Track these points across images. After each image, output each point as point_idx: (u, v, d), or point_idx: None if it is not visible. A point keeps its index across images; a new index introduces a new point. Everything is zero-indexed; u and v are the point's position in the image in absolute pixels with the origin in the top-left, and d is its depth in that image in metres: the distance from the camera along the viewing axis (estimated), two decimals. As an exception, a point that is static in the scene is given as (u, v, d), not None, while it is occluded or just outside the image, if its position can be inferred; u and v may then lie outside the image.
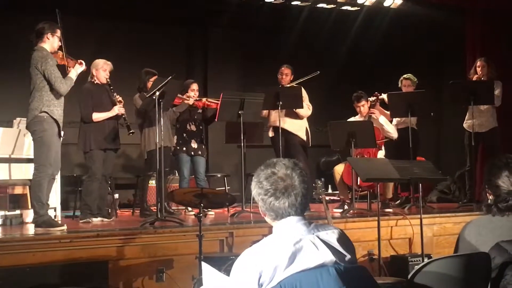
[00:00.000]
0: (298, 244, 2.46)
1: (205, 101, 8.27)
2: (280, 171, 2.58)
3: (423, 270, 2.84)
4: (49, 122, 6.27)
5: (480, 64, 8.68)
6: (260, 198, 2.59)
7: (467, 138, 8.64)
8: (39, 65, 6.26)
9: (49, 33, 6.41)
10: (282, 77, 8.63)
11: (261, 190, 2.58)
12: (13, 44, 9.78)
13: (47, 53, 6.34)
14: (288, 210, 2.55)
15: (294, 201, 2.55)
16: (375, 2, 10.76)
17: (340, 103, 9.87)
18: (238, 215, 7.44)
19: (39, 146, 6.27)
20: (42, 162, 6.24)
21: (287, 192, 2.55)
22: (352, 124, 8.21)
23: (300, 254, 2.44)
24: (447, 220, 7.36)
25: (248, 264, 2.46)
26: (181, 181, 8.33)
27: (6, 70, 9.82)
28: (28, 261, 5.32)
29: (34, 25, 6.45)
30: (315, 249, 2.47)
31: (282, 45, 11.48)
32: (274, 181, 2.56)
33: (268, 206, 2.57)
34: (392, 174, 6.12)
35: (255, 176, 2.64)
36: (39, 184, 6.24)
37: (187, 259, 5.77)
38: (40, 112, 6.25)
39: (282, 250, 2.44)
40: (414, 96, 8.38)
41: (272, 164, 2.62)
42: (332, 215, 6.93)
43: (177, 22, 11.55)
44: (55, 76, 6.26)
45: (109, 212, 7.78)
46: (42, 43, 6.41)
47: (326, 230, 2.57)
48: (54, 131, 6.33)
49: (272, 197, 2.55)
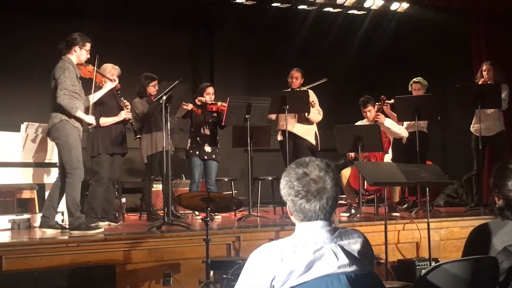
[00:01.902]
0: (318, 253, 2.40)
1: (220, 105, 8.25)
2: (313, 172, 2.48)
3: (430, 274, 2.84)
4: (71, 127, 6.38)
5: (486, 67, 8.66)
6: (290, 198, 2.49)
7: (474, 142, 8.62)
8: (56, 75, 6.36)
9: (78, 46, 6.51)
10: (292, 80, 8.62)
11: (292, 191, 2.47)
12: (21, 49, 9.85)
13: (68, 65, 6.43)
14: (318, 213, 2.46)
15: (325, 205, 2.46)
16: (381, 6, 10.76)
17: (347, 107, 9.86)
18: (245, 219, 7.44)
19: (67, 150, 6.36)
20: (73, 165, 6.34)
21: (319, 195, 2.45)
22: (359, 128, 8.20)
23: (318, 262, 2.39)
24: (454, 224, 7.34)
25: (263, 262, 2.40)
26: (192, 184, 8.33)
27: (14, 75, 9.87)
28: (35, 265, 5.34)
29: (44, 30, 6.52)
30: (334, 258, 2.41)
31: (289, 49, 11.48)
32: (306, 183, 2.46)
33: (298, 208, 2.47)
34: (399, 178, 6.11)
35: (286, 175, 2.52)
36: (73, 187, 6.33)
37: (194, 263, 5.77)
38: (60, 120, 6.35)
39: (301, 256, 2.38)
40: (421, 100, 8.37)
41: (305, 163, 2.51)
42: (339, 219, 6.94)
43: (183, 26, 11.58)
44: (62, 86, 6.33)
45: (116, 216, 7.81)
46: (69, 54, 6.52)
47: (349, 239, 2.51)
48: (77, 134, 6.44)
49: (303, 199, 2.46)
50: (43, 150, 7.30)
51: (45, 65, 8.91)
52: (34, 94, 9.89)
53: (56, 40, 6.74)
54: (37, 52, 9.71)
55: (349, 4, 10.67)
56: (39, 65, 9.57)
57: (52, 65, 6.59)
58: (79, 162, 6.40)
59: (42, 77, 9.35)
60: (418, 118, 8.19)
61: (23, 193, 7.54)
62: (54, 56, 6.69)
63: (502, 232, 3.09)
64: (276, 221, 7.43)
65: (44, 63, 9.06)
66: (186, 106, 8.11)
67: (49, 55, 6.97)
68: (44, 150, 7.31)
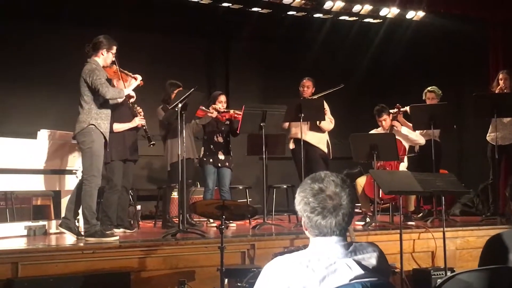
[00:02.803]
0: (331, 267, 2.38)
1: (232, 113, 8.28)
2: (329, 188, 2.45)
3: (446, 284, 2.82)
4: (97, 133, 6.40)
5: (502, 76, 8.61)
6: (305, 215, 2.47)
7: (490, 151, 8.57)
8: (87, 78, 6.38)
9: (105, 49, 6.55)
10: (304, 89, 8.63)
11: (308, 207, 2.45)
12: (38, 58, 9.92)
13: (96, 66, 6.47)
14: (334, 229, 2.44)
15: (341, 221, 2.44)
16: (397, 15, 10.75)
17: (362, 115, 9.85)
18: (259, 227, 7.43)
19: (89, 156, 6.38)
20: (92, 172, 6.35)
21: (336, 212, 2.43)
22: (374, 136, 8.19)
23: (331, 275, 2.37)
24: (470, 233, 7.30)
25: (277, 275, 2.40)
26: (206, 192, 8.36)
27: (31, 83, 9.94)
28: (51, 272, 5.36)
29: (61, 39, 6.56)
30: (349, 270, 2.39)
31: (304, 57, 11.48)
32: (322, 199, 2.44)
33: (314, 224, 2.45)
34: (414, 186, 6.08)
35: (301, 190, 2.49)
36: (90, 194, 6.35)
37: (208, 271, 5.78)
38: (88, 125, 6.38)
39: (314, 272, 2.37)
40: (437, 108, 8.34)
41: (320, 179, 2.48)
42: (354, 228, 6.91)
43: (199, 34, 11.61)
44: (100, 82, 6.37)
45: (131, 224, 7.82)
46: (96, 56, 6.55)
47: (364, 253, 2.48)
48: (102, 142, 6.46)
49: (319, 215, 2.43)
50: (59, 157, 7.34)
51: (62, 73, 9.03)
52: (50, 101, 9.99)
53: (73, 49, 6.80)
54: (53, 61, 9.80)
55: (365, 12, 10.66)
56: (56, 73, 9.69)
57: (68, 73, 6.63)
58: (98, 171, 6.42)
59: (58, 85, 9.49)
60: (433, 127, 8.16)
61: (39, 200, 7.58)
62: (71, 64, 6.75)
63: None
64: (290, 229, 7.42)
65: (60, 71, 9.18)
66: (211, 113, 8.14)
67: (66, 64, 7.03)
68: (60, 157, 7.35)
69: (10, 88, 9.86)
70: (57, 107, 9.64)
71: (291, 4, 10.37)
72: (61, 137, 7.31)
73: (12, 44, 9.87)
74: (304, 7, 10.65)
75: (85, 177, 6.40)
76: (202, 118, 8.16)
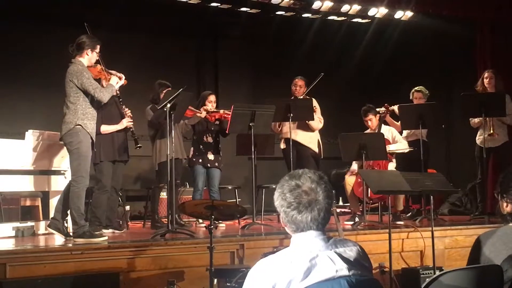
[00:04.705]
0: (314, 260, 2.44)
1: (222, 113, 8.27)
2: (305, 184, 2.53)
3: (434, 282, 2.83)
4: (84, 134, 6.37)
5: (488, 75, 8.67)
6: (282, 210, 2.55)
7: (478, 151, 8.61)
8: (75, 79, 6.34)
9: (90, 49, 6.52)
10: (296, 88, 8.66)
11: (284, 202, 2.54)
12: (26, 58, 9.87)
13: (82, 67, 6.44)
14: (310, 224, 2.52)
15: (316, 216, 2.51)
16: (385, 15, 10.77)
17: (351, 115, 9.86)
18: (249, 227, 7.44)
19: (77, 157, 6.34)
20: (80, 173, 6.32)
21: (311, 207, 2.51)
22: (363, 136, 8.21)
23: (315, 268, 2.42)
24: (458, 232, 7.33)
25: (262, 275, 2.45)
26: (195, 192, 8.34)
27: (19, 83, 9.89)
28: (39, 273, 5.33)
29: (49, 39, 6.52)
30: (331, 263, 2.45)
31: (293, 57, 11.50)
32: (298, 195, 2.52)
33: (290, 219, 2.53)
34: (403, 186, 6.11)
35: (279, 186, 2.59)
36: (78, 195, 6.32)
37: (197, 271, 5.77)
38: (75, 126, 6.34)
39: (297, 265, 2.42)
40: (425, 108, 8.36)
41: (297, 175, 2.57)
42: (343, 227, 6.92)
43: (188, 34, 11.59)
44: (93, 87, 6.36)
45: (120, 224, 7.80)
46: (81, 57, 6.51)
47: (344, 247, 2.55)
48: (89, 143, 6.43)
49: (295, 210, 2.52)
50: (47, 158, 7.32)
51: (50, 73, 8.97)
52: (38, 102, 9.93)
53: (61, 49, 6.76)
54: (42, 61, 9.75)
55: (353, 12, 10.67)
56: (44, 73, 9.64)
57: (57, 73, 6.60)
58: (86, 171, 6.39)
59: (46, 85, 9.43)
60: (422, 126, 8.19)
61: (27, 201, 7.55)
62: (59, 65, 6.70)
63: (507, 239, 3.09)
64: (280, 229, 7.40)
65: (49, 71, 9.13)
66: (200, 114, 8.13)
67: (55, 64, 6.99)
68: (48, 158, 7.33)
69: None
70: (45, 108, 9.59)
71: (279, 4, 10.37)
72: (50, 137, 7.28)
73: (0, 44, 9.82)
74: (293, 7, 10.65)
75: (73, 178, 6.37)
76: (191, 118, 8.16)
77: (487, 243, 3.14)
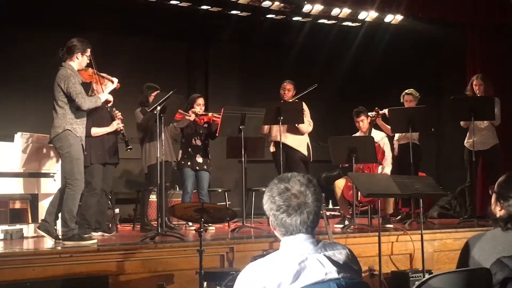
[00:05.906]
0: (304, 263, 2.44)
1: (211, 116, 8.27)
2: (294, 187, 2.53)
3: (424, 285, 2.83)
4: (73, 137, 6.34)
5: (476, 82, 8.68)
6: (271, 213, 2.55)
7: (467, 154, 8.64)
8: (62, 84, 6.32)
9: (80, 53, 6.49)
10: (285, 92, 8.68)
11: (274, 205, 2.54)
12: (16, 60, 9.83)
13: (71, 72, 6.40)
14: (299, 228, 2.51)
15: (306, 219, 2.51)
16: (376, 18, 10.80)
17: (341, 118, 9.89)
18: (238, 230, 7.43)
19: (69, 160, 6.33)
20: (75, 176, 6.31)
21: (300, 210, 2.50)
22: (353, 139, 8.22)
23: (304, 271, 2.43)
24: (448, 236, 7.35)
25: (252, 278, 2.45)
26: (184, 195, 8.33)
27: (8, 85, 9.85)
28: (28, 276, 5.31)
29: (40, 42, 6.48)
30: (320, 265, 2.45)
31: (283, 61, 11.51)
32: (287, 198, 2.52)
33: (279, 222, 2.53)
34: (393, 189, 6.11)
35: (268, 189, 2.58)
36: (73, 198, 6.30)
37: (187, 274, 5.76)
38: (64, 130, 6.32)
39: (287, 268, 2.42)
40: (415, 111, 8.38)
41: (286, 179, 2.56)
42: (333, 231, 6.92)
43: (178, 37, 11.58)
44: (76, 92, 6.31)
45: (110, 227, 7.79)
46: (71, 61, 6.48)
47: (334, 250, 2.54)
48: (80, 145, 6.41)
49: (284, 213, 2.51)
50: (37, 160, 7.29)
51: (39, 76, 8.94)
52: (28, 104, 9.89)
53: (52, 52, 6.73)
54: (32, 63, 9.71)
55: (344, 16, 10.70)
56: (34, 76, 9.60)
57: (48, 76, 6.57)
58: (81, 174, 6.38)
59: (36, 88, 9.40)
60: (412, 130, 8.20)
61: (16, 204, 7.50)
62: (50, 67, 6.68)
63: (496, 243, 3.09)
64: (269, 232, 7.37)
65: (39, 74, 9.09)
66: (189, 116, 8.12)
67: (44, 66, 6.96)
68: (38, 160, 7.30)
69: (-13, 91, 9.78)
70: (34, 110, 9.55)
71: (270, 7, 10.38)
72: (39, 139, 7.25)
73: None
74: (283, 10, 10.68)
75: (68, 181, 6.34)
76: (180, 121, 8.15)
77: (476, 247, 3.15)
